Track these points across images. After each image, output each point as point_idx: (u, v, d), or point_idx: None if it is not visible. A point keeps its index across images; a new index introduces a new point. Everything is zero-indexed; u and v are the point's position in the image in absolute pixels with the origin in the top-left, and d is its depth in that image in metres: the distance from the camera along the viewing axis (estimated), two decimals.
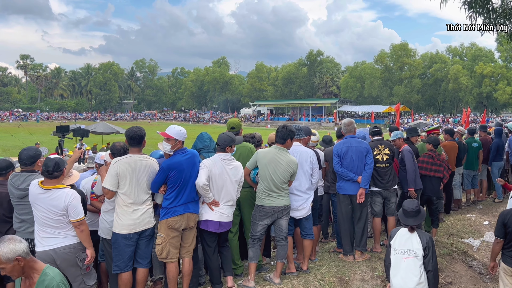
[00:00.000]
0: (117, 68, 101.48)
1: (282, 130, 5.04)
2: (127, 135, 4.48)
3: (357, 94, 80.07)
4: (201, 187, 4.51)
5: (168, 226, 4.43)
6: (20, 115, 79.38)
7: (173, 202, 4.44)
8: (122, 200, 4.35)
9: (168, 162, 4.46)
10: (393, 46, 74.41)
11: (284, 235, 5.12)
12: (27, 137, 30.50)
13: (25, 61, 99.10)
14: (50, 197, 4.04)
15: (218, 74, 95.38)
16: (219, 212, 4.70)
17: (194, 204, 4.60)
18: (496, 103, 67.56)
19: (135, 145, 4.48)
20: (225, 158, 4.74)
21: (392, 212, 6.47)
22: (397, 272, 4.28)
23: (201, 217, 4.72)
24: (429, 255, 4.27)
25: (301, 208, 5.32)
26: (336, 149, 5.83)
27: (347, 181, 5.79)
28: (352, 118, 60.02)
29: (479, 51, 71.17)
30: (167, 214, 4.43)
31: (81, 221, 4.14)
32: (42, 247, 4.07)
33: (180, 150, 4.56)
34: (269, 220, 4.99)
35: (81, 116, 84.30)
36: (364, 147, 5.84)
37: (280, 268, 5.10)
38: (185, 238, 4.61)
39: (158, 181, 4.43)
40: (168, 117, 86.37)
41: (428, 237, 4.38)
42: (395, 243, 4.39)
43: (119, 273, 4.40)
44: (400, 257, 4.31)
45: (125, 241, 4.34)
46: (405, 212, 4.49)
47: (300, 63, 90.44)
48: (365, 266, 5.65)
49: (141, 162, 4.42)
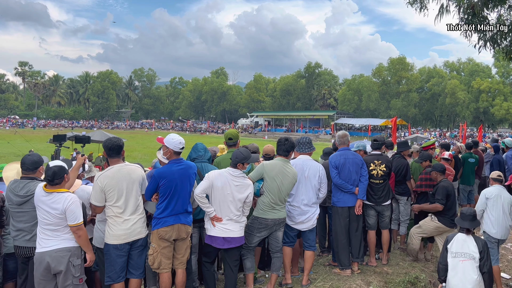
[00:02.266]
0: (115, 77, 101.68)
1: (286, 143, 5.06)
2: (105, 147, 4.46)
3: (354, 107, 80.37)
4: (196, 196, 4.51)
5: (158, 236, 4.43)
6: (17, 122, 79.21)
7: (163, 212, 4.43)
8: (111, 211, 4.35)
9: (159, 171, 4.47)
10: (391, 60, 74.97)
11: (280, 246, 5.12)
12: (23, 144, 30.37)
13: (23, 68, 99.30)
14: (51, 200, 4.08)
15: (216, 84, 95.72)
16: (222, 227, 4.65)
17: (185, 216, 4.57)
18: (493, 119, 67.92)
19: (114, 156, 4.45)
20: (234, 173, 4.68)
21: (386, 226, 6.46)
22: (455, 273, 4.69)
23: (206, 232, 4.72)
24: (485, 258, 4.72)
25: (307, 220, 5.31)
26: (334, 160, 5.83)
27: (345, 193, 5.80)
28: (349, 130, 60.43)
29: (476, 67, 71.81)
30: (158, 224, 4.44)
31: (78, 226, 4.13)
32: (40, 248, 4.10)
33: (175, 160, 4.56)
34: (267, 232, 4.99)
35: (78, 124, 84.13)
36: (359, 159, 5.91)
37: (274, 280, 5.08)
38: (178, 249, 4.59)
39: (149, 188, 4.46)
40: (166, 126, 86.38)
41: (484, 242, 4.84)
42: (452, 247, 4.80)
43: (112, 284, 4.37)
44: (458, 259, 4.72)
45: (117, 252, 4.33)
46: (462, 216, 4.95)
47: (298, 75, 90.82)
48: (360, 280, 5.62)
49: (123, 171, 4.40)
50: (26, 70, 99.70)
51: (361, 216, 6.00)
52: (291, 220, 5.28)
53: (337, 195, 5.88)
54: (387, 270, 6.11)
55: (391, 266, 6.31)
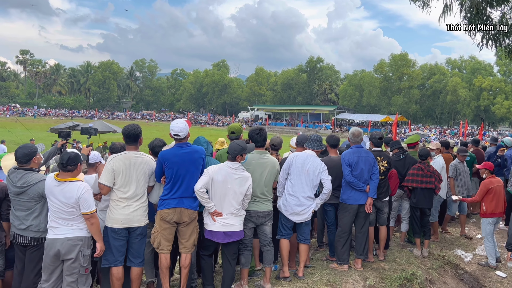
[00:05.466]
0: (116, 67, 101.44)
1: (260, 133, 5.19)
2: (123, 133, 4.59)
3: (355, 102, 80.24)
4: (197, 191, 4.53)
5: (160, 217, 4.54)
6: (17, 110, 79.11)
7: (167, 195, 4.53)
8: (115, 195, 4.45)
9: (162, 153, 4.60)
10: (392, 56, 74.69)
11: (269, 240, 5.18)
12: (24, 132, 30.39)
13: (24, 56, 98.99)
14: (63, 190, 4.15)
15: (217, 76, 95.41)
16: (223, 222, 4.69)
17: (190, 200, 4.61)
18: (494, 117, 67.82)
19: (131, 143, 4.57)
20: (233, 167, 4.72)
21: (384, 222, 6.50)
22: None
23: (206, 227, 4.76)
24: None
25: (303, 212, 5.34)
26: (347, 158, 5.79)
27: (356, 190, 5.80)
28: (349, 126, 60.25)
29: (478, 64, 71.53)
30: (161, 206, 4.54)
31: (92, 213, 4.22)
32: (53, 235, 4.19)
33: (180, 144, 4.63)
34: (253, 224, 5.07)
35: (78, 114, 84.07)
36: (372, 157, 5.90)
37: (269, 274, 5.12)
38: (181, 234, 4.66)
39: (156, 171, 4.59)
40: (166, 118, 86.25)
41: None
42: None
43: (108, 266, 4.47)
44: None
45: (114, 235, 4.43)
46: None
47: (300, 69, 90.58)
48: (356, 275, 5.67)
49: (136, 159, 4.51)
50: (27, 58, 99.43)
51: (369, 214, 6.01)
52: (287, 210, 5.31)
53: (348, 193, 5.85)
54: (384, 266, 6.16)
55: (388, 262, 6.36)
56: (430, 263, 6.63)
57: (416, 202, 6.93)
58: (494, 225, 7.07)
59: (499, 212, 7.03)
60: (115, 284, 4.49)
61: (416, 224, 6.99)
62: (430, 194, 6.95)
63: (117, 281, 4.48)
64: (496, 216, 7.02)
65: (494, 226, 7.08)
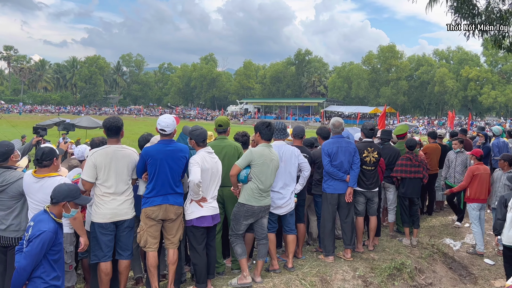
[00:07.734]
0: (103, 62, 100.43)
1: (269, 128, 5.02)
2: (104, 126, 4.49)
3: (344, 95, 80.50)
4: (195, 184, 4.41)
5: (145, 215, 4.47)
6: (2, 107, 77.95)
7: (151, 192, 4.46)
8: (100, 190, 4.36)
9: (146, 149, 4.54)
10: (380, 47, 75.03)
11: (266, 233, 5.12)
12: (9, 129, 29.91)
13: (8, 52, 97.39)
14: (43, 186, 4.06)
15: (205, 70, 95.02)
16: (209, 206, 4.71)
17: (175, 196, 4.55)
18: (481, 107, 68.58)
19: (112, 136, 4.48)
20: (210, 151, 4.75)
21: (374, 212, 6.52)
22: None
23: (193, 216, 4.64)
24: None
25: (285, 205, 5.33)
26: (327, 148, 5.81)
27: (336, 180, 5.81)
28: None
29: (465, 55, 72.16)
30: (146, 204, 4.47)
31: None
32: None
33: (164, 140, 4.56)
34: (253, 219, 4.98)
35: (65, 110, 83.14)
36: (353, 148, 5.91)
37: (260, 267, 5.08)
38: (168, 230, 4.60)
39: (138, 166, 4.51)
40: (154, 112, 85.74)
41: None
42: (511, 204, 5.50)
43: (97, 262, 4.39)
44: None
45: (102, 230, 4.35)
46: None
47: (288, 62, 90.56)
48: (346, 266, 5.67)
49: (119, 153, 4.43)
50: (11, 54, 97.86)
51: (352, 204, 6.04)
52: (271, 205, 5.27)
53: (328, 182, 5.88)
54: (374, 256, 6.17)
55: (378, 252, 6.37)
56: (419, 252, 6.66)
57: (405, 192, 6.97)
58: (480, 210, 7.16)
59: (482, 199, 7.18)
60: (103, 280, 4.42)
61: (405, 213, 7.02)
62: (418, 183, 7.01)
63: (106, 276, 4.41)
64: (480, 202, 7.17)
65: (480, 212, 7.17)
